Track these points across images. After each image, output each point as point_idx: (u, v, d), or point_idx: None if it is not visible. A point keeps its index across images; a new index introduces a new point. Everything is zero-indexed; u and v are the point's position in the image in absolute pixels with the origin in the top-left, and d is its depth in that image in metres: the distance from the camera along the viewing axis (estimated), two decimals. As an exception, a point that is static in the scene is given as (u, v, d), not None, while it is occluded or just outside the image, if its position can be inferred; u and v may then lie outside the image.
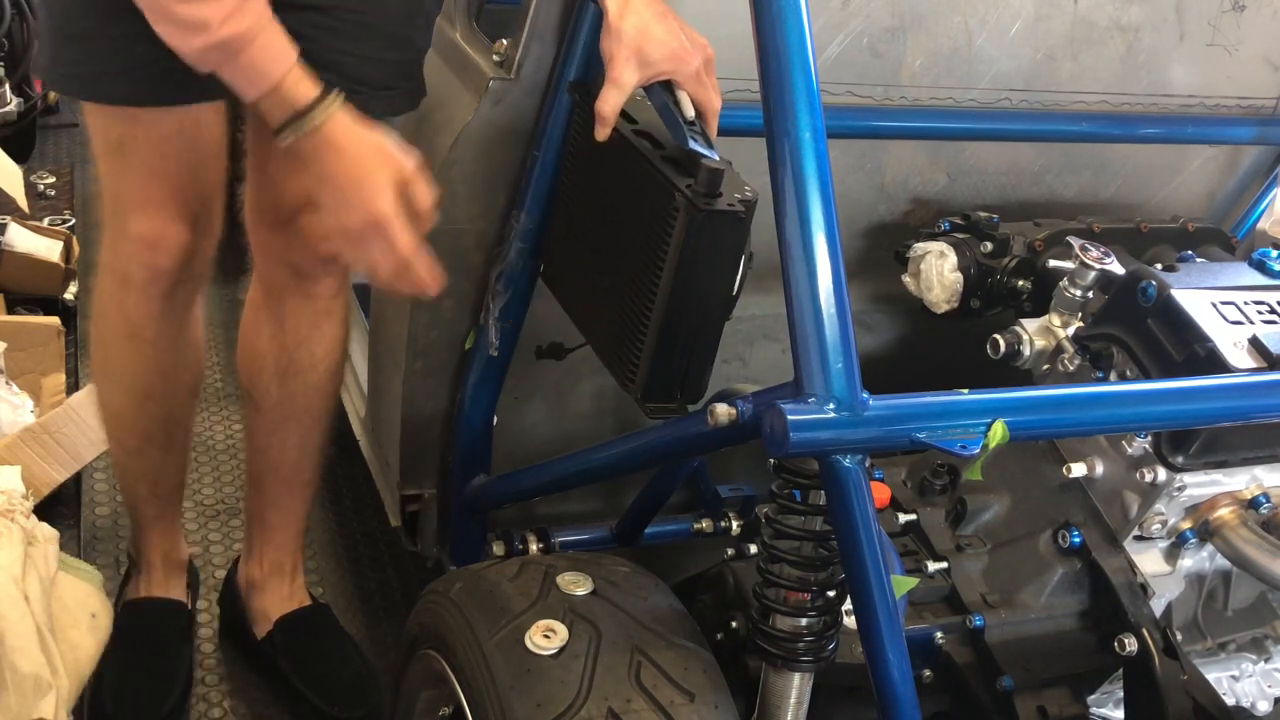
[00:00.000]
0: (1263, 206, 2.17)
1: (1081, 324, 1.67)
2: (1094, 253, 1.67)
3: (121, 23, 1.54)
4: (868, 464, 1.19)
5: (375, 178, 1.45)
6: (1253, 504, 1.57)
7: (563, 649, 1.30)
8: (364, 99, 1.65)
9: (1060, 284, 1.69)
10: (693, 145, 1.40)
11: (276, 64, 1.44)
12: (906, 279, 1.85)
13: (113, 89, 1.64)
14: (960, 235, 1.81)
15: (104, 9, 1.55)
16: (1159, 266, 1.67)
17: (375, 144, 1.47)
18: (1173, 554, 1.61)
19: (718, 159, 1.39)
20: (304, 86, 1.45)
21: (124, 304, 1.82)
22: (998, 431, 1.18)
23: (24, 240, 2.97)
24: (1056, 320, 1.68)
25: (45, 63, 1.67)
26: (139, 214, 1.73)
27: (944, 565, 1.62)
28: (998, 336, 1.69)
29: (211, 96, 1.65)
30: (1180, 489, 1.55)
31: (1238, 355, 1.51)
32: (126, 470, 2.05)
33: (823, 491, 1.25)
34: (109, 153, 1.71)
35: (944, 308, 1.80)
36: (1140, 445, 1.55)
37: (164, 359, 1.88)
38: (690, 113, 1.44)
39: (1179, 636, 1.55)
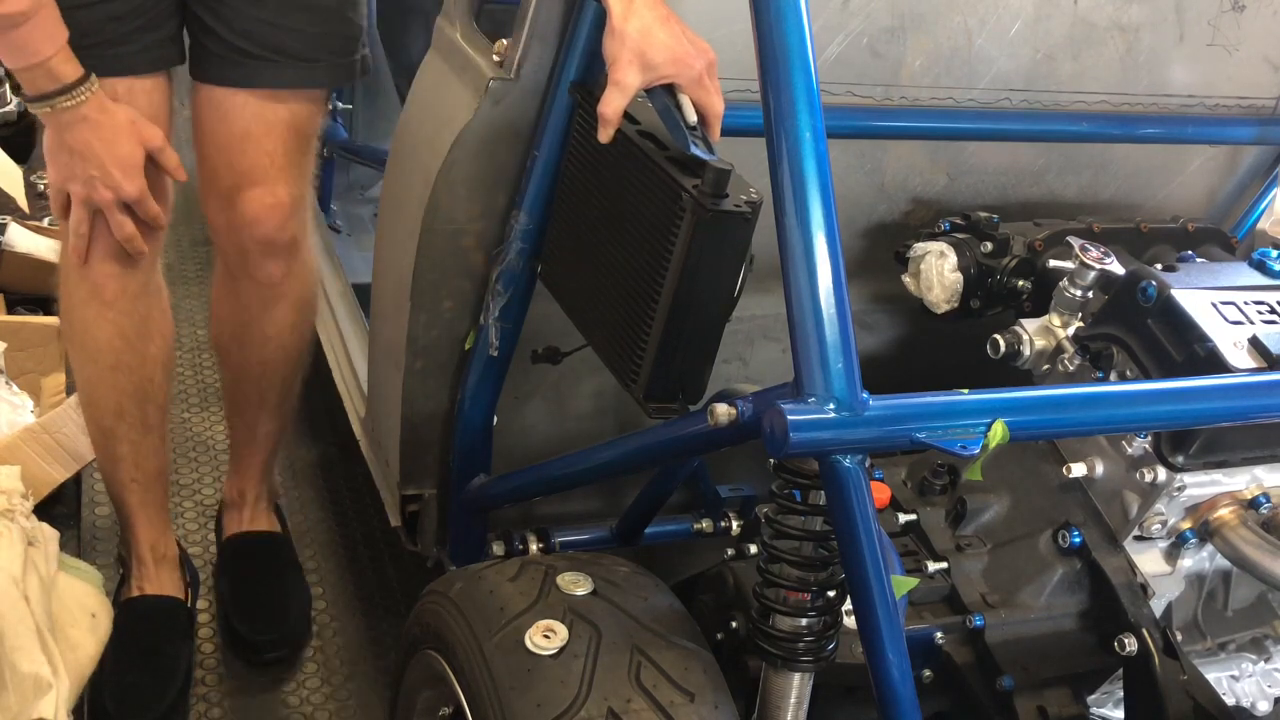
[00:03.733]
0: (1263, 206, 2.17)
1: (1081, 324, 1.67)
2: (1094, 253, 1.67)
3: None
4: (868, 464, 1.19)
5: (129, 161, 1.67)
6: (1253, 504, 1.57)
7: (563, 649, 1.30)
8: (280, 68, 1.82)
9: (1060, 284, 1.69)
10: (694, 150, 1.40)
11: (48, 43, 1.58)
12: (906, 279, 1.85)
13: None
14: (960, 235, 1.81)
15: None
16: (1159, 266, 1.67)
17: (128, 122, 1.68)
18: (1173, 554, 1.61)
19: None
20: (69, 66, 1.60)
21: (83, 269, 1.86)
22: (998, 431, 1.18)
23: (24, 240, 2.97)
24: (1056, 320, 1.68)
25: None
26: None
27: (944, 565, 1.63)
28: (998, 336, 1.69)
29: (134, 71, 1.74)
30: (1180, 489, 1.55)
31: (1238, 355, 1.51)
32: (105, 453, 2.08)
33: (822, 491, 1.25)
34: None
35: (944, 308, 1.80)
36: (1140, 445, 1.55)
37: (126, 323, 1.91)
38: (692, 117, 1.44)
39: (1179, 636, 1.55)
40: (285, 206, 1.91)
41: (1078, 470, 1.60)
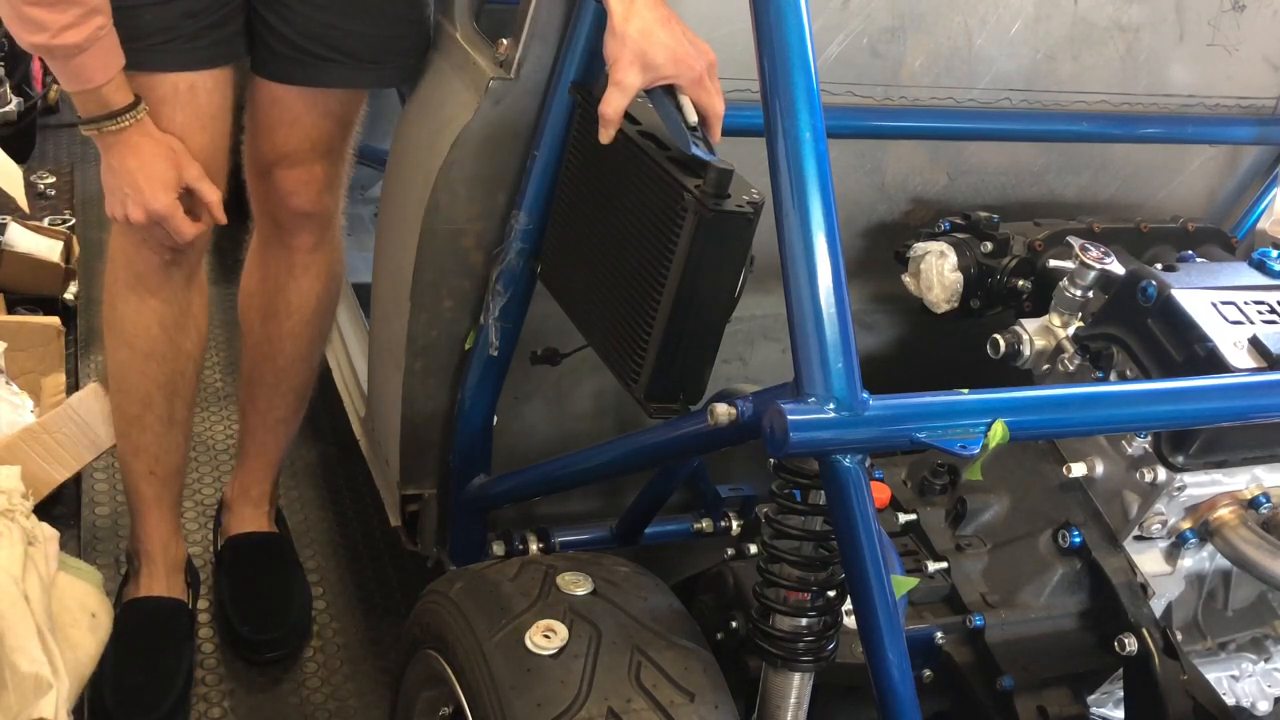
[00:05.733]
0: (1263, 206, 2.17)
1: (1081, 324, 1.67)
2: (1094, 253, 1.67)
3: None
4: (868, 464, 1.19)
5: (159, 179, 1.71)
6: (1253, 504, 1.57)
7: (563, 649, 1.30)
8: (346, 69, 1.84)
9: (1060, 284, 1.69)
10: (695, 150, 1.40)
11: (101, 73, 1.62)
12: (906, 279, 1.85)
13: None
14: (960, 235, 1.81)
15: None
16: (1159, 266, 1.67)
17: (167, 149, 1.72)
18: (1173, 554, 1.61)
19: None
20: (120, 94, 1.65)
21: (130, 255, 1.90)
22: (998, 431, 1.18)
23: (24, 240, 2.96)
24: (1056, 320, 1.68)
25: None
26: None
27: (944, 565, 1.63)
28: (998, 336, 1.69)
29: (202, 66, 1.75)
30: (1180, 489, 1.55)
31: (1238, 355, 1.51)
32: (128, 442, 2.09)
33: (823, 491, 1.25)
34: None
35: (944, 308, 1.80)
36: (1140, 445, 1.55)
37: (166, 314, 1.94)
38: (693, 117, 1.44)
39: (1179, 636, 1.55)
40: (320, 182, 1.97)
41: (1078, 470, 1.60)
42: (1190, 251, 1.84)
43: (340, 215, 2.09)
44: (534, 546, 1.97)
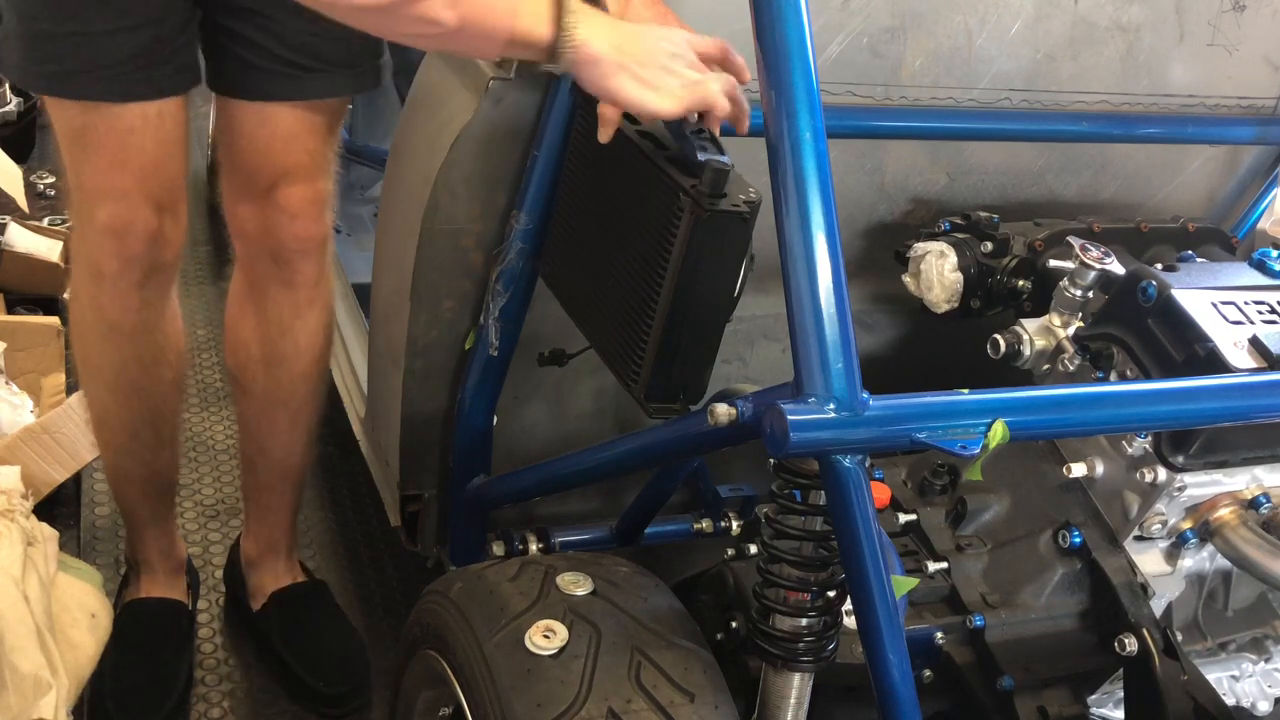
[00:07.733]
0: (1263, 206, 2.17)
1: (1081, 324, 1.66)
2: (1094, 253, 1.67)
3: (88, 21, 1.59)
4: (868, 464, 1.19)
5: (667, 61, 1.37)
6: (1253, 504, 1.57)
7: (563, 649, 1.30)
8: (332, 78, 1.80)
9: (1060, 284, 1.69)
10: (698, 150, 1.40)
11: (502, 19, 1.34)
12: (906, 279, 1.85)
13: (79, 86, 1.65)
14: (960, 235, 1.81)
15: (69, 9, 1.59)
16: (1159, 266, 1.67)
17: (642, 32, 1.39)
18: (1173, 554, 1.61)
19: (728, 162, 1.39)
20: (541, 29, 1.34)
21: (98, 298, 1.82)
22: (998, 431, 1.18)
23: (24, 240, 2.97)
24: (1056, 320, 1.68)
25: (14, 61, 1.68)
26: (105, 203, 1.73)
27: (944, 565, 1.62)
28: (998, 336, 1.69)
29: (174, 91, 1.70)
30: (1180, 489, 1.55)
31: (1238, 355, 1.51)
32: (117, 471, 2.05)
33: (823, 491, 1.25)
34: (73, 145, 1.72)
35: (944, 308, 1.80)
36: (1140, 445, 1.55)
37: (143, 353, 1.88)
38: (693, 116, 1.44)
39: (1179, 636, 1.55)
40: (323, 200, 1.89)
41: (1078, 470, 1.60)
42: (1190, 251, 1.84)
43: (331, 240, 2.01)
44: (534, 546, 1.97)
